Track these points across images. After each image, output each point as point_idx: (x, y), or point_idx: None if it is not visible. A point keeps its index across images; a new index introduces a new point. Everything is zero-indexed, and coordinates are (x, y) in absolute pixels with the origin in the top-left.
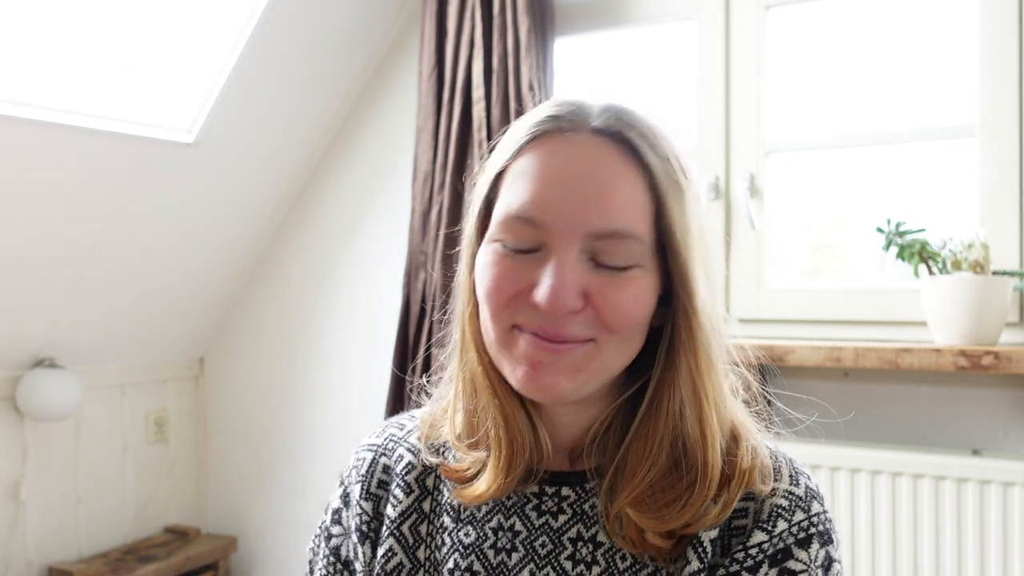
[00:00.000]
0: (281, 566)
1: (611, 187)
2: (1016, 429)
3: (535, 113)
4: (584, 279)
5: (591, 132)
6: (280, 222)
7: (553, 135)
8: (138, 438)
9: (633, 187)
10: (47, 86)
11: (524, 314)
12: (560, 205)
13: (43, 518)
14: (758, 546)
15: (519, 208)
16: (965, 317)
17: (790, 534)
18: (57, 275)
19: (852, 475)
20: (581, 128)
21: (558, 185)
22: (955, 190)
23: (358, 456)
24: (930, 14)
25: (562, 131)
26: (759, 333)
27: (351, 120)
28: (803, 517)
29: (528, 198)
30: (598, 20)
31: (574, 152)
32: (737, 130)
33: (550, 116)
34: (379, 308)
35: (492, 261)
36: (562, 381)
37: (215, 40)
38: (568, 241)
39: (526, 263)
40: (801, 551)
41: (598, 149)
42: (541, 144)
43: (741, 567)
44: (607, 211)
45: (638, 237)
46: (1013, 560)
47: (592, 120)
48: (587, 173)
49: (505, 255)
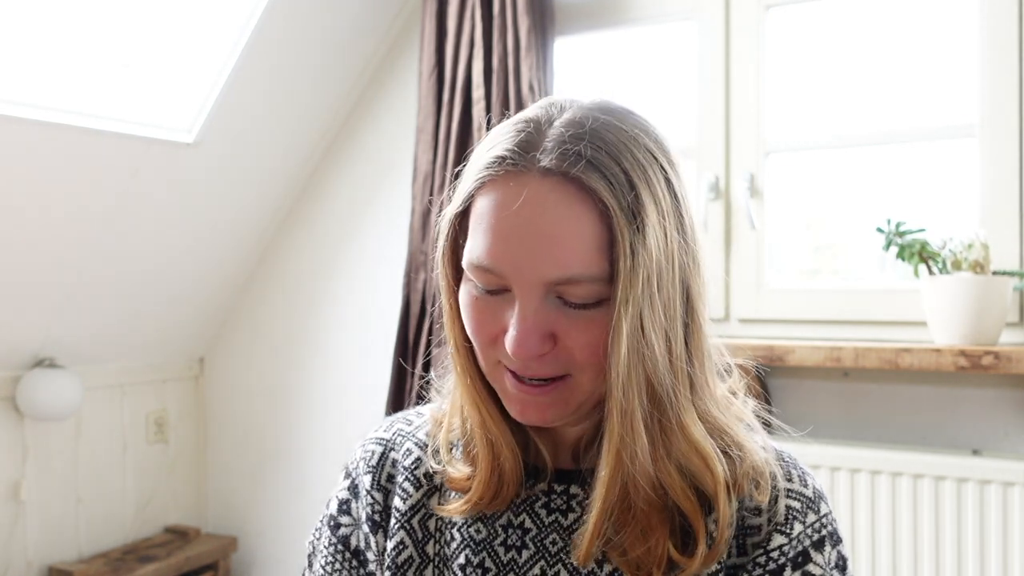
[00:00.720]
0: (281, 566)
1: (563, 234)
2: (1016, 429)
3: (492, 143)
4: (550, 320)
5: (540, 173)
6: (280, 222)
7: (502, 179)
8: (138, 438)
9: (587, 228)
10: (47, 86)
11: (503, 355)
12: (514, 258)
13: (43, 518)
14: (779, 549)
15: (478, 259)
16: (965, 317)
17: (806, 536)
18: (57, 275)
19: (852, 475)
20: (530, 169)
21: (511, 237)
22: (955, 190)
23: (366, 448)
24: (930, 14)
25: (509, 175)
26: (759, 333)
27: (351, 120)
28: (815, 519)
29: (484, 250)
30: (598, 20)
31: (524, 198)
32: (737, 130)
33: (498, 157)
34: (379, 308)
35: (469, 302)
36: (551, 414)
37: (215, 40)
38: (529, 289)
39: (499, 304)
40: (817, 554)
41: (549, 192)
42: (492, 188)
43: (764, 570)
44: (561, 260)
45: (597, 278)
46: (1013, 560)
47: (542, 158)
48: (537, 221)
49: (479, 297)
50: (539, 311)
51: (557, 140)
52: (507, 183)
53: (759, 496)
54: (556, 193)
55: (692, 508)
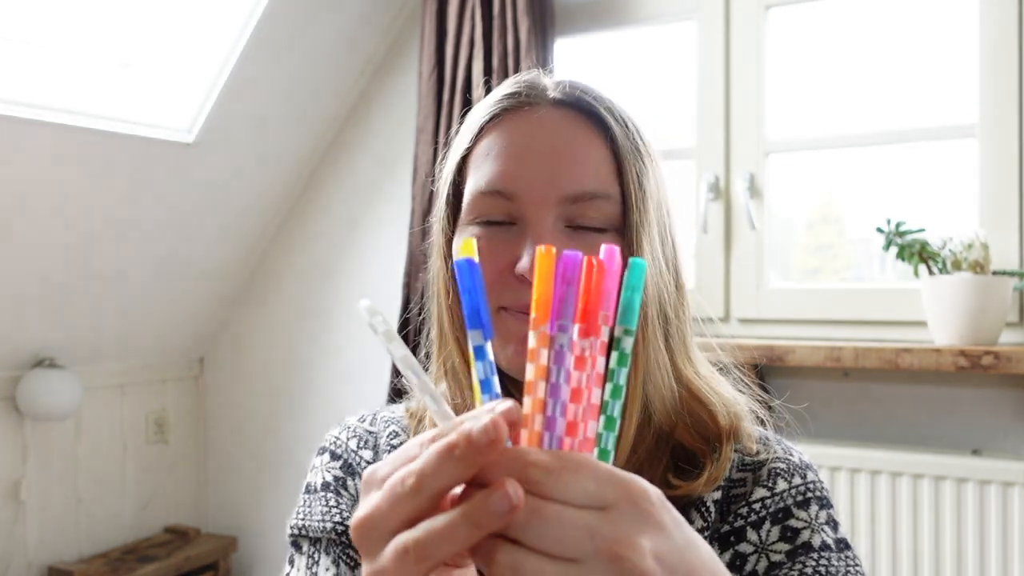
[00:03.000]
0: (281, 566)
1: (577, 151)
2: (1016, 429)
3: (492, 95)
4: (563, 246)
5: (551, 104)
6: (280, 222)
7: (513, 112)
8: (138, 438)
9: (598, 150)
10: (47, 86)
11: (509, 293)
12: (529, 175)
13: (43, 518)
14: (760, 501)
15: (488, 183)
16: (965, 317)
17: (789, 495)
18: (57, 275)
19: (852, 475)
20: (540, 101)
21: (525, 156)
22: (955, 190)
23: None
24: (930, 14)
25: (521, 107)
26: (759, 333)
27: (351, 120)
28: (800, 482)
29: (497, 173)
30: (598, 20)
31: (537, 123)
32: (737, 130)
33: (508, 95)
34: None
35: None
36: None
37: (215, 40)
38: (543, 209)
39: (504, 240)
40: (801, 511)
41: (560, 118)
42: (502, 122)
43: (745, 522)
44: (576, 174)
45: (610, 196)
46: (1013, 560)
47: (550, 92)
48: (552, 141)
49: (482, 235)
50: (554, 229)
51: (561, 83)
52: (518, 114)
53: (750, 444)
54: (567, 121)
55: (693, 440)
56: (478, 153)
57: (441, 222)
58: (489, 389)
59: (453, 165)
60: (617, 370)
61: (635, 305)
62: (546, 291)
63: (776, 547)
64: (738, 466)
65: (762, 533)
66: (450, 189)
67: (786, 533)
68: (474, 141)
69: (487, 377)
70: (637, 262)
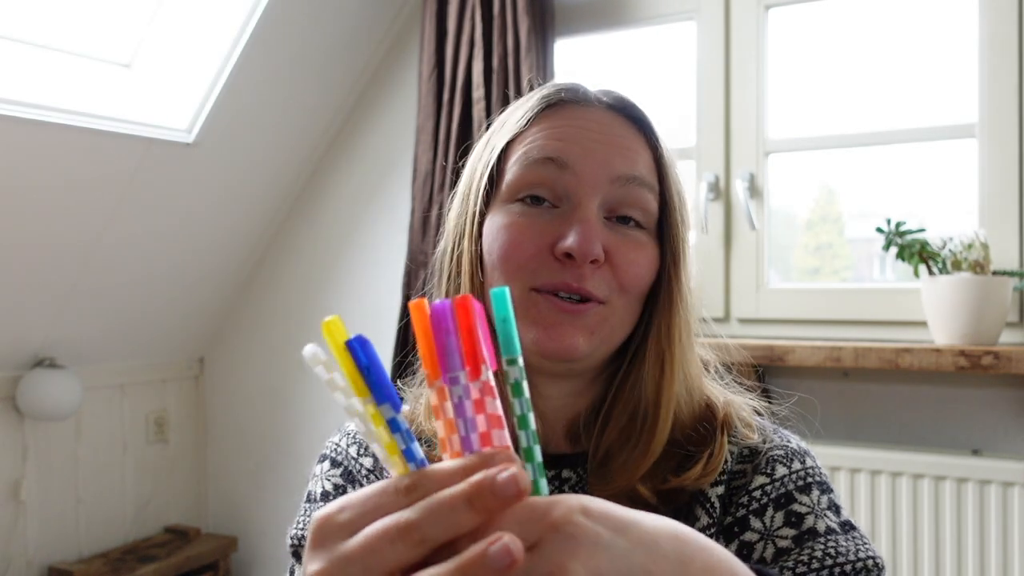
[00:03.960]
0: (281, 566)
1: (627, 144)
2: (1016, 429)
3: (541, 90)
4: (603, 235)
5: (602, 105)
6: (280, 222)
7: (567, 105)
8: (138, 438)
9: (645, 152)
10: (47, 86)
11: (546, 271)
12: (585, 152)
13: (43, 518)
14: (760, 488)
15: (544, 151)
16: (965, 317)
17: (790, 480)
18: (57, 275)
19: (852, 475)
20: (592, 102)
21: (581, 137)
22: (955, 190)
23: (354, 436)
24: (930, 14)
25: (575, 103)
26: (759, 333)
27: (351, 120)
28: (800, 467)
29: (554, 143)
30: (598, 20)
31: (590, 117)
32: (737, 130)
33: (559, 88)
34: (379, 308)
35: (509, 221)
36: (579, 340)
37: (215, 40)
38: (593, 188)
39: (547, 219)
40: (803, 496)
41: (612, 119)
42: (555, 112)
43: (748, 511)
44: (629, 159)
45: (654, 188)
46: (1013, 560)
47: (599, 96)
48: (606, 131)
49: (523, 213)
50: (598, 216)
51: (608, 91)
52: (571, 106)
53: (747, 432)
54: (619, 121)
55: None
56: (527, 136)
57: (476, 204)
58: (412, 458)
59: (497, 148)
60: (515, 401)
61: (512, 334)
62: (428, 345)
63: (782, 532)
64: (737, 458)
65: (766, 520)
66: (489, 174)
67: (790, 518)
68: (525, 127)
69: (408, 446)
70: (496, 291)
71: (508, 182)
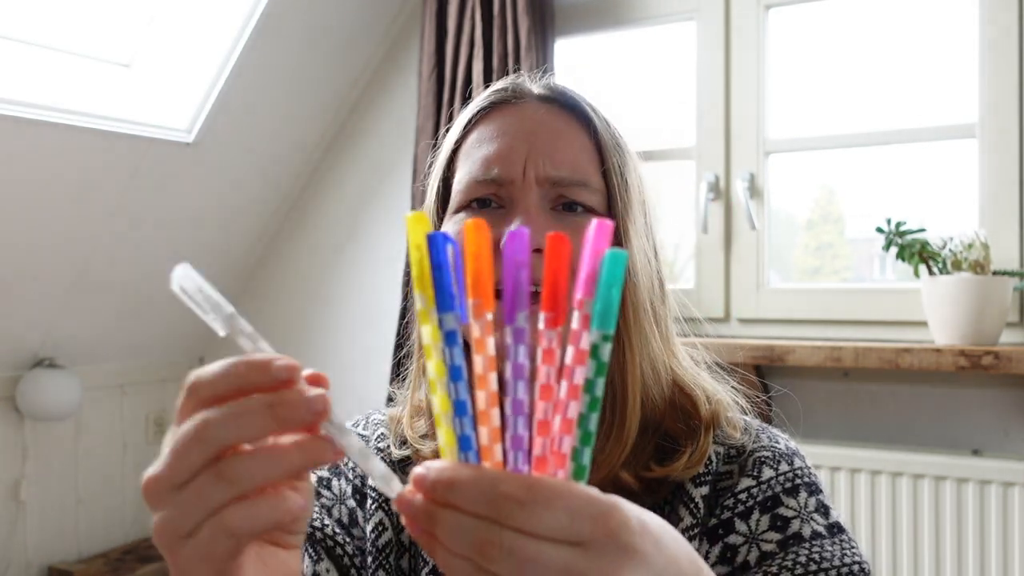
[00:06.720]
0: None
1: (562, 140)
2: (1016, 429)
3: (479, 95)
4: (548, 224)
5: (536, 99)
6: (280, 222)
7: (501, 106)
8: (138, 438)
9: (580, 139)
10: (47, 86)
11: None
12: (516, 158)
13: (43, 518)
14: (746, 491)
15: (476, 169)
16: (965, 317)
17: (777, 482)
18: (57, 275)
19: (852, 475)
20: (526, 96)
21: (513, 143)
22: (955, 190)
23: None
24: (930, 14)
25: (509, 102)
26: (759, 333)
27: (351, 120)
28: (788, 468)
29: (485, 158)
30: (598, 20)
31: (524, 114)
32: (737, 130)
33: (494, 91)
34: (379, 308)
35: (456, 230)
36: None
37: (215, 40)
38: (527, 188)
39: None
40: (790, 499)
41: (545, 111)
42: (491, 115)
43: (733, 513)
44: (559, 159)
45: (590, 185)
46: (1013, 560)
47: (534, 89)
48: (538, 129)
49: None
50: (539, 208)
51: (544, 83)
52: (505, 107)
53: (732, 431)
54: (552, 115)
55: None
56: (468, 144)
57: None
58: (459, 376)
59: (443, 159)
60: (594, 380)
61: (613, 304)
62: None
63: (767, 536)
64: (724, 459)
65: (751, 523)
66: (440, 183)
67: (776, 522)
68: (463, 134)
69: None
70: (617, 253)
71: (454, 194)
